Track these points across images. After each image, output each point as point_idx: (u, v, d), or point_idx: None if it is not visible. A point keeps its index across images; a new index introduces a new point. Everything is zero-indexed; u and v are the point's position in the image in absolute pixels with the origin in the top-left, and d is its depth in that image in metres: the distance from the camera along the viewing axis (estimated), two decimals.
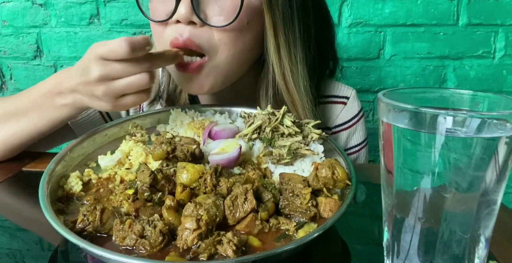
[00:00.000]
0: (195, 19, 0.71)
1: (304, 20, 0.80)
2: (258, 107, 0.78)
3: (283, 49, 0.77)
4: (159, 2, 0.75)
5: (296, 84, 0.80)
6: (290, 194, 0.61)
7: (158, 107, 0.93)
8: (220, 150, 0.68)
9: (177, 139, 0.65)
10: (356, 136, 0.98)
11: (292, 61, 0.78)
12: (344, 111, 0.97)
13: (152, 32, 0.80)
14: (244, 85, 0.86)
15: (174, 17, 0.72)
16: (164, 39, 0.75)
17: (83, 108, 0.75)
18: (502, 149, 0.41)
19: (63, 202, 0.64)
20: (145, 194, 0.59)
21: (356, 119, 0.98)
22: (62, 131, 0.87)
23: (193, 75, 0.76)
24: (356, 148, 0.99)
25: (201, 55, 0.76)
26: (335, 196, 0.63)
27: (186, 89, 0.82)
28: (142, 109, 1.00)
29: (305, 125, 0.75)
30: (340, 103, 0.97)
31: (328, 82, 0.99)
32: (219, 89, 0.80)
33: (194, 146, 0.64)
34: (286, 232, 0.57)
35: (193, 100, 0.94)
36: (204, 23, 0.72)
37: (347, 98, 0.97)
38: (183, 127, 0.78)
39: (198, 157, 0.66)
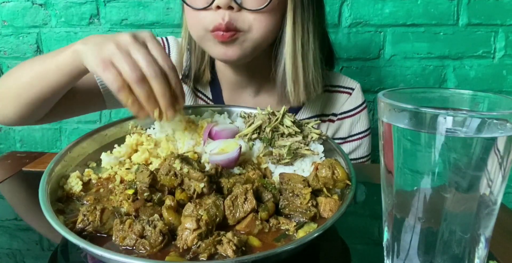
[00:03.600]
0: (233, 4, 0.82)
1: (318, 9, 0.93)
2: (258, 107, 0.78)
3: (298, 29, 0.88)
4: None
5: (305, 59, 0.90)
6: (290, 194, 0.61)
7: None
8: (220, 150, 0.67)
9: (185, 170, 0.60)
10: (359, 124, 1.07)
11: (304, 38, 0.89)
12: (349, 100, 1.07)
13: (189, 19, 0.90)
14: (258, 68, 0.97)
15: (215, 3, 0.81)
16: (205, 24, 0.85)
17: (81, 61, 0.71)
18: (502, 149, 0.41)
19: (63, 202, 0.64)
20: (145, 194, 0.59)
21: (360, 108, 1.07)
22: (94, 98, 0.92)
23: (229, 44, 0.86)
24: (360, 136, 1.08)
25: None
26: (335, 196, 0.63)
27: (221, 56, 0.89)
28: None
29: (305, 125, 0.75)
30: (345, 93, 1.07)
31: (335, 74, 1.10)
32: (245, 60, 0.90)
33: (202, 185, 0.59)
34: (286, 232, 0.57)
35: (214, 78, 1.03)
36: (241, 7, 0.82)
37: (352, 89, 1.07)
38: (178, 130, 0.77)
39: (206, 194, 0.60)
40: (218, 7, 0.82)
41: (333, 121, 1.07)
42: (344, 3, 1.48)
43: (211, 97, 1.05)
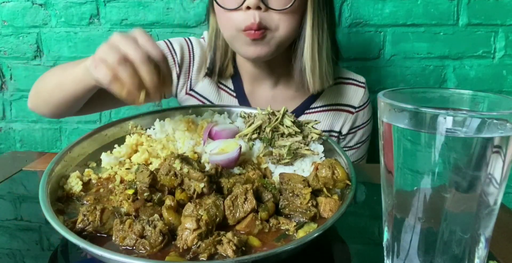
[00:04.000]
0: (261, 4, 0.90)
1: (331, 11, 1.04)
2: (258, 107, 0.78)
3: (315, 28, 0.98)
4: None
5: (321, 54, 0.99)
6: (290, 194, 0.61)
7: (205, 80, 1.12)
8: (220, 150, 0.67)
9: (185, 170, 0.61)
10: (367, 113, 1.20)
11: (319, 36, 0.99)
12: (366, 94, 1.18)
13: (221, 20, 0.98)
14: (276, 62, 1.04)
15: (245, 4, 0.89)
16: (237, 23, 0.92)
17: (88, 72, 0.73)
18: (502, 149, 0.41)
19: (63, 202, 0.63)
20: (145, 194, 0.59)
21: (369, 101, 1.20)
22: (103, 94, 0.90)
23: (257, 41, 0.93)
24: (367, 123, 1.21)
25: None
26: (335, 196, 0.63)
27: (247, 52, 0.96)
28: (191, 78, 1.12)
29: (305, 125, 0.75)
30: (360, 87, 1.17)
31: (341, 69, 1.19)
32: (270, 57, 0.98)
33: (202, 185, 0.59)
34: (286, 232, 0.57)
35: (236, 72, 1.12)
36: (268, 7, 0.90)
37: (364, 83, 1.18)
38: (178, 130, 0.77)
39: (206, 194, 0.60)
40: (248, 8, 0.90)
41: (352, 113, 1.15)
42: (344, 3, 1.48)
43: (233, 88, 1.12)
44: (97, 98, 0.91)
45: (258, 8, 0.90)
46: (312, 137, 0.72)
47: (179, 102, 1.17)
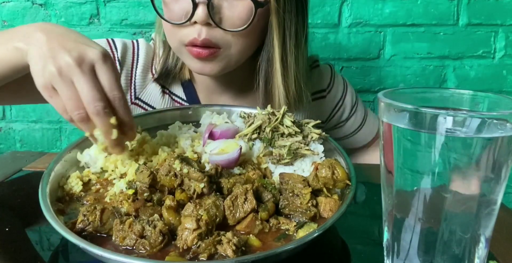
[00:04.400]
0: (211, 20, 0.79)
1: (303, 18, 0.91)
2: (258, 107, 0.78)
3: (283, 43, 0.87)
4: (174, 3, 0.82)
5: (296, 74, 0.90)
6: (290, 194, 0.61)
7: (153, 87, 1.00)
8: (220, 151, 0.67)
9: (185, 170, 0.60)
10: (340, 88, 1.11)
11: (291, 55, 0.89)
12: (326, 70, 1.09)
13: (166, 30, 0.88)
14: (237, 74, 0.95)
15: (192, 19, 0.79)
16: (180, 37, 0.83)
17: (24, 60, 0.64)
18: (502, 149, 0.41)
19: (63, 202, 0.63)
20: (145, 194, 0.59)
21: (333, 74, 1.10)
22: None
23: (207, 60, 0.84)
24: (346, 96, 1.12)
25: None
26: (335, 196, 0.63)
27: (197, 71, 0.88)
28: (134, 83, 1.00)
29: (305, 125, 0.75)
30: (316, 67, 1.08)
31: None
32: (222, 73, 0.88)
33: (202, 185, 0.59)
34: (286, 232, 0.57)
35: (190, 80, 1.01)
36: (219, 27, 0.80)
37: (317, 61, 1.09)
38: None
39: (206, 194, 0.60)
40: (195, 22, 0.80)
41: (324, 96, 1.08)
42: (344, 3, 1.48)
43: (185, 98, 1.01)
44: (11, 86, 0.76)
45: (207, 24, 0.79)
46: (312, 137, 0.72)
47: None
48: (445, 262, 0.45)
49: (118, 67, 0.99)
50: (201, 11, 0.77)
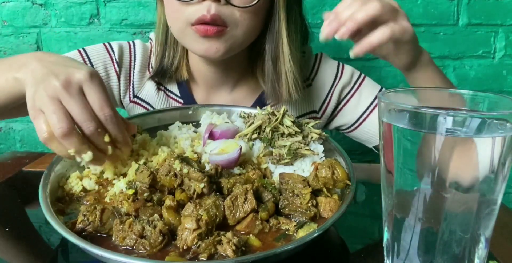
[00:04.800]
0: None
1: (300, 5, 0.97)
2: (258, 107, 0.78)
3: (288, 24, 0.89)
4: None
5: (292, 54, 0.91)
6: (290, 194, 0.61)
7: (150, 86, 1.00)
8: (220, 151, 0.67)
9: (185, 170, 0.60)
10: (363, 98, 1.07)
11: (292, 37, 0.91)
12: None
13: (171, 11, 0.86)
14: (235, 62, 0.96)
15: None
16: (187, 16, 0.82)
17: (23, 89, 0.66)
18: (502, 149, 0.41)
19: (63, 202, 0.63)
20: (145, 194, 0.59)
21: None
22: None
23: (213, 39, 0.83)
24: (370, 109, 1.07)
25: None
26: (335, 196, 0.63)
27: (202, 52, 0.86)
28: (133, 82, 1.02)
29: (305, 125, 0.75)
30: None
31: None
32: (228, 56, 0.88)
33: (202, 186, 0.59)
34: (286, 232, 0.57)
35: (186, 80, 1.01)
36: (228, 3, 0.80)
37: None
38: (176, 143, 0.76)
39: (206, 194, 0.60)
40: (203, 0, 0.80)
41: (318, 118, 1.06)
42: None
43: (179, 95, 1.02)
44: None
45: (217, 0, 0.79)
46: (312, 137, 0.72)
47: (127, 111, 1.06)
48: (445, 262, 0.45)
49: (117, 68, 1.00)
50: None
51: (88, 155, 0.61)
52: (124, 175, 0.68)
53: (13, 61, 0.70)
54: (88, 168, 0.69)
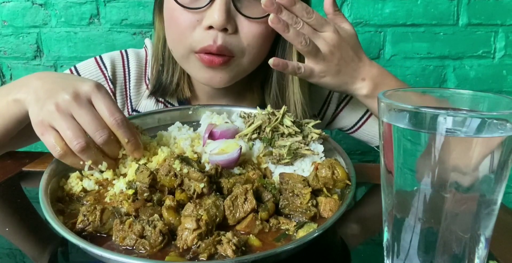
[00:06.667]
0: (229, 26, 0.75)
1: None
2: (257, 107, 0.78)
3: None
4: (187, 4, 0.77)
5: (302, 84, 0.89)
6: (290, 194, 0.61)
7: (150, 101, 0.98)
8: (220, 151, 0.67)
9: (185, 170, 0.60)
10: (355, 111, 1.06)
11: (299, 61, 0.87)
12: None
13: (173, 36, 0.82)
14: (236, 83, 0.92)
15: (208, 23, 0.75)
16: (191, 43, 0.79)
17: (24, 109, 0.67)
18: (502, 149, 0.41)
19: (63, 202, 0.63)
20: (145, 194, 0.59)
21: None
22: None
23: (217, 69, 0.80)
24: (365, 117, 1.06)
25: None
26: (335, 196, 0.63)
27: (205, 81, 0.84)
28: (130, 96, 0.99)
29: (305, 125, 0.75)
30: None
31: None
32: (232, 83, 0.85)
33: (202, 185, 0.58)
34: (286, 232, 0.57)
35: (188, 98, 0.98)
36: (241, 14, 0.76)
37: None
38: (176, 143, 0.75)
39: (206, 194, 0.60)
40: (210, 27, 0.76)
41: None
42: (344, 3, 1.48)
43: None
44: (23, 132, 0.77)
45: (224, 30, 0.75)
46: (312, 137, 0.72)
47: None
48: (445, 262, 0.45)
49: (111, 85, 0.98)
50: (219, 15, 0.74)
51: (104, 165, 0.64)
52: (124, 175, 0.68)
53: (13, 84, 0.71)
54: (92, 173, 0.68)
